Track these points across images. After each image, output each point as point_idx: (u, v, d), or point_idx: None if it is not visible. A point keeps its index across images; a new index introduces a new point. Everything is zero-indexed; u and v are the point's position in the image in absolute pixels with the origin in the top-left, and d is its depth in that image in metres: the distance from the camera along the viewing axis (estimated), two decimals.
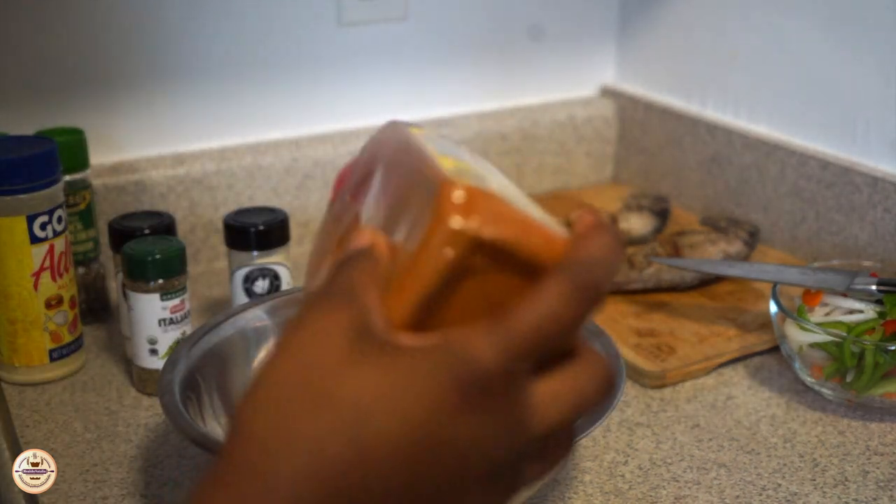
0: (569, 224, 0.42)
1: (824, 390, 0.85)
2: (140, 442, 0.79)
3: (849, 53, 1.02)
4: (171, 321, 0.84)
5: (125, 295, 0.84)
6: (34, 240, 0.84)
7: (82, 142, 0.94)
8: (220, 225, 1.00)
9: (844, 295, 0.88)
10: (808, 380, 0.85)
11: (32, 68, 1.00)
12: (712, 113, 1.18)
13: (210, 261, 1.10)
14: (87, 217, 0.96)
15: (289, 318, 0.39)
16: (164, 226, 0.90)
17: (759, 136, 1.11)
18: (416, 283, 0.39)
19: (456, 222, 0.39)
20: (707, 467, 0.77)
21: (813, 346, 0.84)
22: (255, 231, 0.90)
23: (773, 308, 0.87)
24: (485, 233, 0.39)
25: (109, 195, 1.04)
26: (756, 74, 1.13)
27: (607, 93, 1.31)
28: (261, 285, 0.91)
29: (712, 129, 1.17)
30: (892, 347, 0.81)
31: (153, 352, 0.84)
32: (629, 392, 0.86)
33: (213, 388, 0.74)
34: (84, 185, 0.95)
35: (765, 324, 0.94)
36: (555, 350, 0.38)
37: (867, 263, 0.95)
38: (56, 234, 0.85)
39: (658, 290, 1.01)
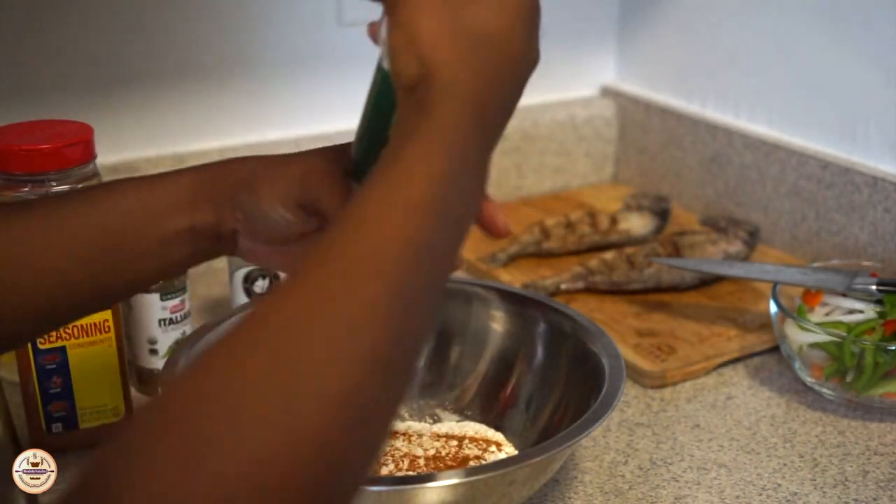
0: None
1: (824, 390, 0.85)
2: None
3: (849, 54, 1.02)
4: (171, 321, 0.84)
5: None
6: None
7: None
8: None
9: (844, 295, 0.88)
10: (808, 380, 0.85)
11: (32, 68, 1.00)
12: (712, 113, 1.18)
13: (210, 261, 1.10)
14: None
15: None
16: None
17: (759, 136, 1.11)
18: None
19: None
20: (707, 467, 0.77)
21: (813, 346, 0.84)
22: None
23: (773, 308, 0.87)
24: None
25: None
26: (756, 74, 1.13)
27: (607, 93, 1.31)
28: (261, 285, 0.91)
29: (712, 129, 1.17)
30: (892, 347, 0.81)
31: (153, 352, 0.84)
32: (629, 392, 0.86)
33: None
34: None
35: (765, 324, 0.94)
36: None
37: (867, 263, 0.95)
38: None
39: (658, 290, 1.01)
